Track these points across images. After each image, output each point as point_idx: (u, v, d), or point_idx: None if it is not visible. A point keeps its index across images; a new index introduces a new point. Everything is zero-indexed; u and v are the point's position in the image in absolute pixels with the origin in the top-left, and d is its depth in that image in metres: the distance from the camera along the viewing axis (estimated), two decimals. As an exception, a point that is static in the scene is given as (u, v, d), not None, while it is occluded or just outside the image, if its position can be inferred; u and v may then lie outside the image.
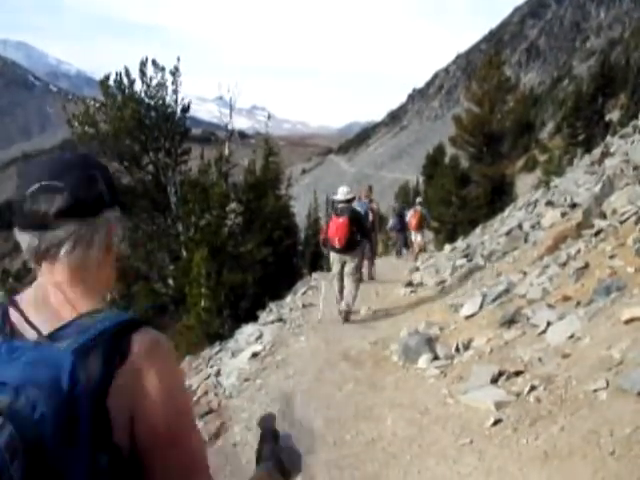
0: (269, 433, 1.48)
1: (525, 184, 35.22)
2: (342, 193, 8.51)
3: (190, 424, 1.10)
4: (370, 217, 11.72)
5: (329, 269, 9.40)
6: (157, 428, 1.01)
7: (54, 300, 1.07)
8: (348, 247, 8.08)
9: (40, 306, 1.07)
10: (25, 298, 1.10)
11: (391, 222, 18.11)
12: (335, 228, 8.09)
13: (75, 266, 1.10)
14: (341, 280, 8.36)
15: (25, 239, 1.11)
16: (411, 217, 16.19)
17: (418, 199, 17.95)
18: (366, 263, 11.19)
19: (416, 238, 16.27)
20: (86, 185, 1.11)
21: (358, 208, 9.82)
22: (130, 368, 1.00)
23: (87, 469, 0.94)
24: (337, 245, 8.10)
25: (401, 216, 16.98)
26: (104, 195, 1.14)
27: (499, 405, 4.00)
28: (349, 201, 8.53)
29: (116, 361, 0.99)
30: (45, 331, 1.01)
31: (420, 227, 16.08)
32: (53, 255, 1.09)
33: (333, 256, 8.41)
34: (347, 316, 8.12)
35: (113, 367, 0.99)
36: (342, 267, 8.31)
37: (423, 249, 16.57)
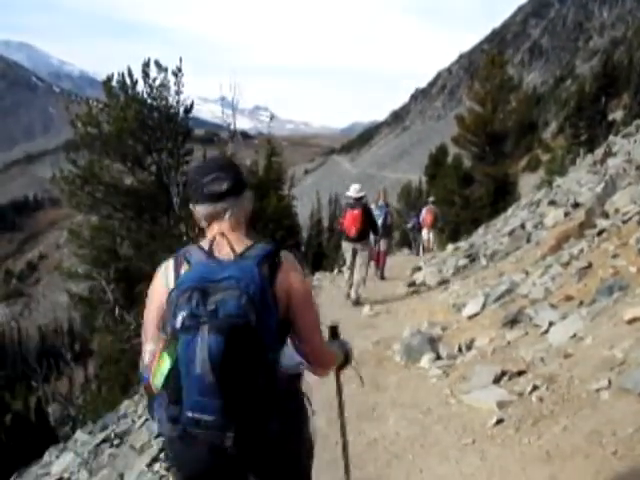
0: (335, 332, 2.46)
1: (528, 184, 35.15)
2: (354, 190, 9.32)
3: (313, 300, 2.03)
4: (389, 220, 12.59)
5: (332, 269, 9.66)
6: (300, 300, 1.93)
7: (219, 242, 1.93)
8: (360, 236, 9.05)
9: (218, 245, 1.92)
10: (204, 244, 1.97)
11: (412, 222, 18.95)
12: (351, 219, 9.01)
13: (233, 222, 2.00)
14: (352, 270, 9.32)
15: (202, 208, 2.00)
16: (425, 215, 17.00)
17: (431, 198, 18.75)
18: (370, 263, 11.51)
19: (429, 235, 16.92)
20: (236, 176, 2.02)
21: (376, 212, 11.01)
22: (283, 270, 1.90)
23: (272, 324, 1.78)
24: (351, 234, 9.05)
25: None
26: (243, 182, 2.06)
27: (501, 405, 4.00)
28: (361, 198, 9.29)
29: (275, 267, 1.88)
30: (225, 256, 1.88)
31: (434, 224, 16.90)
32: (221, 217, 1.99)
33: (345, 245, 9.38)
34: (357, 301, 9.19)
35: (275, 270, 1.88)
36: (354, 257, 9.23)
37: (434, 246, 16.97)
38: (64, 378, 35.83)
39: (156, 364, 1.81)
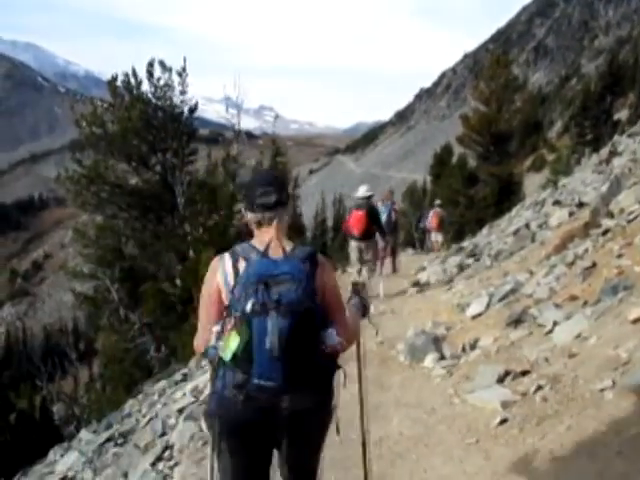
0: (356, 288, 2.97)
1: (533, 183, 35.07)
2: (362, 191, 9.55)
3: (339, 290, 2.49)
4: (393, 217, 12.85)
5: (336, 269, 9.75)
6: (332, 292, 2.42)
7: (274, 243, 2.35)
8: (364, 236, 9.28)
9: (271, 246, 2.34)
10: (256, 243, 2.42)
11: (422, 222, 19.42)
12: (355, 220, 9.29)
13: (279, 227, 2.44)
14: (359, 266, 9.57)
15: (253, 216, 2.48)
16: (432, 218, 17.41)
17: (437, 201, 18.82)
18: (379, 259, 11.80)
19: (437, 237, 17.43)
20: (282, 190, 2.48)
21: (383, 209, 11.70)
22: (320, 267, 2.36)
23: (318, 309, 2.26)
24: (355, 234, 9.34)
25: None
26: (288, 195, 2.51)
27: (505, 405, 4.00)
28: (368, 198, 9.53)
29: (315, 264, 2.33)
30: (276, 255, 2.30)
31: (440, 227, 17.32)
32: (270, 223, 2.43)
33: (352, 244, 9.62)
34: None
35: (315, 267, 2.32)
36: (360, 254, 9.46)
37: (441, 247, 17.25)
38: (69, 377, 35.83)
39: (225, 341, 2.25)
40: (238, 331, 2.20)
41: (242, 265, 2.33)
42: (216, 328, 2.36)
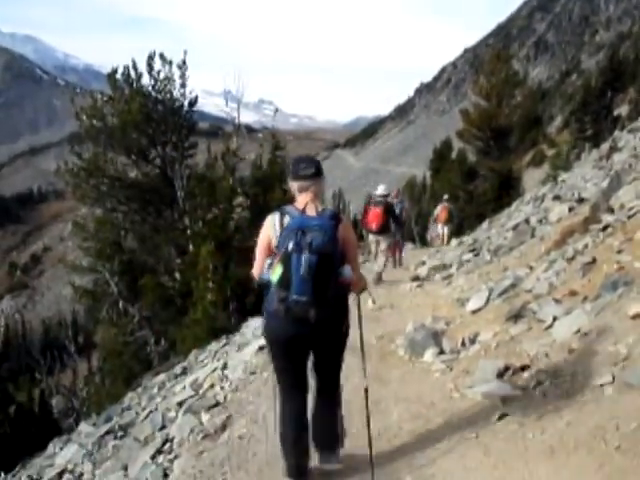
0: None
1: (532, 178, 35.08)
2: (381, 190, 10.78)
3: (355, 242, 3.54)
4: (404, 215, 14.45)
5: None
6: (349, 242, 3.40)
7: (312, 206, 3.34)
8: (381, 230, 10.49)
9: (308, 206, 3.34)
10: (298, 205, 3.40)
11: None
12: (373, 215, 10.47)
13: (315, 193, 3.44)
14: (376, 256, 10.93)
15: (297, 184, 3.49)
16: (440, 212, 18.65)
17: (445, 196, 19.94)
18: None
19: (444, 230, 18.61)
20: (317, 166, 3.50)
21: (396, 208, 12.56)
22: (341, 224, 3.32)
23: (337, 252, 3.25)
24: (373, 228, 10.55)
25: None
26: (321, 171, 3.51)
27: (505, 400, 4.01)
28: (385, 196, 10.75)
29: (338, 222, 3.29)
30: (310, 213, 3.30)
31: (448, 221, 18.54)
32: (307, 189, 3.43)
33: (370, 237, 10.97)
34: (379, 277, 10.46)
35: (338, 222, 3.29)
36: (377, 247, 10.78)
37: (448, 240, 17.88)
38: (68, 370, 35.89)
39: (273, 270, 3.29)
40: (282, 262, 3.22)
41: (286, 219, 3.34)
42: (268, 261, 3.44)
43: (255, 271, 3.59)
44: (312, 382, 3.69)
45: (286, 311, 3.25)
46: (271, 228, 3.44)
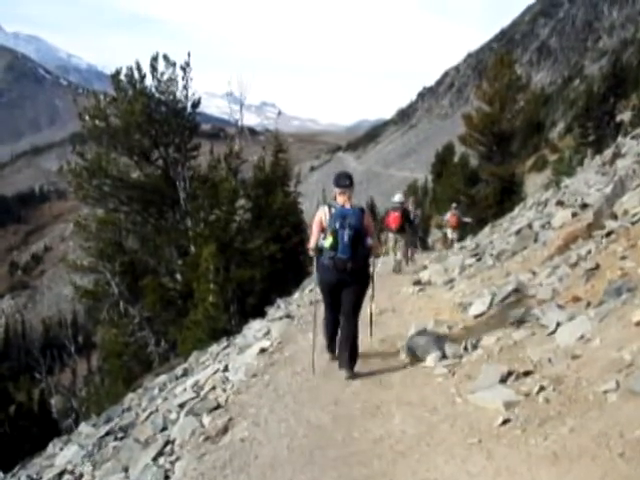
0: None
1: (534, 184, 35.07)
2: (398, 197, 13.33)
3: (372, 223, 5.79)
4: (416, 220, 16.66)
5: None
6: (369, 223, 5.58)
7: (348, 203, 5.49)
8: (399, 230, 13.08)
9: (345, 203, 5.51)
10: (338, 202, 5.57)
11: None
12: (392, 218, 13.09)
13: (349, 195, 5.55)
14: (395, 252, 13.32)
15: (338, 189, 5.58)
16: (450, 217, 19.96)
17: (454, 204, 21.30)
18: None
19: (453, 235, 19.74)
20: (351, 179, 5.65)
21: (411, 214, 14.46)
22: (365, 213, 5.55)
23: (363, 229, 5.43)
24: (393, 229, 13.15)
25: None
26: (353, 181, 5.66)
27: (508, 405, 3.99)
28: (402, 203, 13.26)
29: (363, 212, 5.52)
30: (347, 207, 5.47)
31: (457, 226, 19.82)
32: (345, 193, 5.53)
33: (390, 236, 13.51)
34: (398, 267, 12.98)
35: (363, 212, 5.51)
36: (395, 243, 13.27)
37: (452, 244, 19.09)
38: (67, 370, 35.91)
39: (326, 240, 5.38)
40: (332, 235, 5.34)
41: (332, 210, 5.45)
42: (321, 235, 5.51)
43: (312, 241, 5.60)
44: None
45: (334, 264, 5.37)
46: (323, 215, 5.50)
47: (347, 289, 5.50)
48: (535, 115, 30.60)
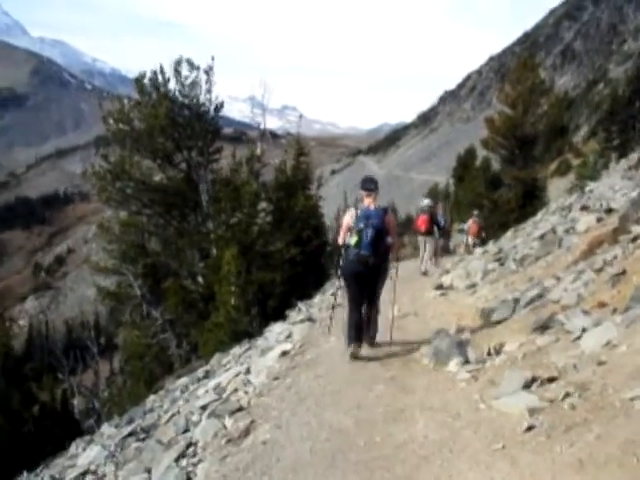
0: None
1: (557, 188, 34.72)
2: (427, 202, 14.58)
3: (395, 222, 6.86)
4: (446, 225, 18.44)
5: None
6: (391, 224, 6.44)
7: (372, 204, 6.34)
8: (427, 232, 14.14)
9: (370, 205, 6.38)
10: (365, 204, 6.42)
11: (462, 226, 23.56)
12: (421, 221, 14.17)
13: (374, 198, 6.38)
14: (423, 253, 14.21)
15: (365, 192, 6.45)
16: (471, 225, 20.51)
17: (475, 212, 21.87)
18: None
19: (474, 242, 20.07)
20: (376, 184, 6.49)
21: (440, 218, 15.33)
22: (387, 213, 6.40)
23: (384, 229, 6.26)
24: (422, 231, 14.18)
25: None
26: (378, 185, 6.51)
27: (532, 411, 3.94)
28: (430, 207, 14.37)
29: (386, 212, 6.39)
30: (372, 208, 6.43)
31: (478, 233, 20.33)
32: (370, 196, 6.37)
33: (419, 238, 14.58)
34: (425, 273, 13.61)
35: (385, 213, 6.36)
36: (424, 245, 14.15)
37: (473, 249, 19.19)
38: (89, 371, 36.23)
39: (352, 238, 6.20)
40: (357, 234, 6.13)
41: (359, 212, 6.20)
42: (348, 233, 6.24)
43: (340, 239, 6.42)
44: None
45: (358, 259, 6.13)
46: (350, 216, 6.31)
47: (369, 280, 6.31)
48: (559, 119, 30.26)
